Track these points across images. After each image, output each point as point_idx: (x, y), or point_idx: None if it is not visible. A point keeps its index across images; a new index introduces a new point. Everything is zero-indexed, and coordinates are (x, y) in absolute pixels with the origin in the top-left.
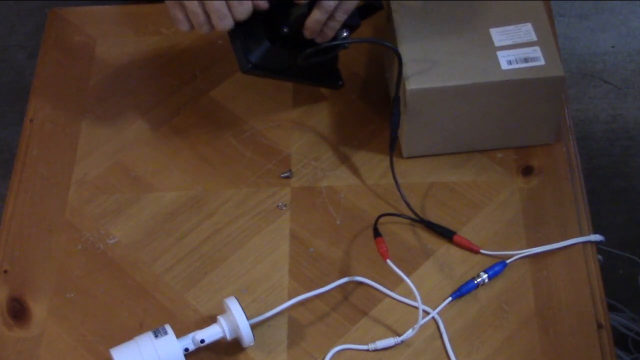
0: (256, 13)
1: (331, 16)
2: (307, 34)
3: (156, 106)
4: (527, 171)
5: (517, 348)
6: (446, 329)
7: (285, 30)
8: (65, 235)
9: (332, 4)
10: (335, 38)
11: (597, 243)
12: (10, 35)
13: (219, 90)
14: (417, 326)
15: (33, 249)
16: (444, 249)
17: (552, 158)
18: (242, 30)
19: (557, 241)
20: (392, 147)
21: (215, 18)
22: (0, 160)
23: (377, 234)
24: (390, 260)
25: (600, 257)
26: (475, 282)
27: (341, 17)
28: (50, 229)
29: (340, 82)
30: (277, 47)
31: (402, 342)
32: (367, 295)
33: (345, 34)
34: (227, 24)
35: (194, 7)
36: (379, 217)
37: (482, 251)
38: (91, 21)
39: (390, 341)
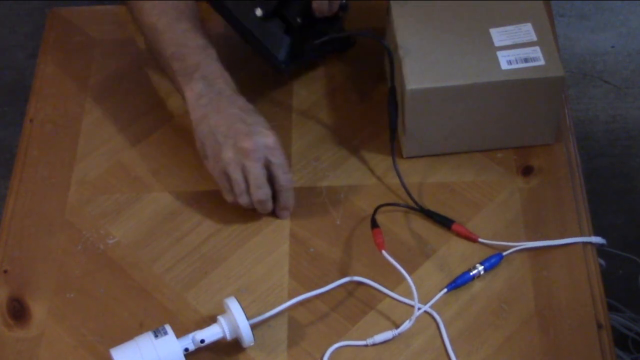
0: (269, 15)
1: None
2: (319, 14)
3: (156, 106)
4: (527, 171)
5: (517, 348)
6: (446, 329)
7: (299, 20)
8: (65, 235)
9: None
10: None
11: (598, 245)
12: (10, 35)
13: None
14: (413, 317)
15: (33, 249)
16: (444, 248)
17: (552, 158)
18: (260, 39)
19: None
20: (393, 137)
21: (254, 187)
22: (0, 160)
23: (374, 225)
24: (386, 251)
25: (602, 261)
26: (471, 273)
27: None
28: (50, 229)
29: (352, 40)
30: (295, 37)
31: (400, 334)
32: (367, 295)
33: None
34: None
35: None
36: (378, 207)
37: (480, 240)
38: (91, 21)
39: (388, 334)
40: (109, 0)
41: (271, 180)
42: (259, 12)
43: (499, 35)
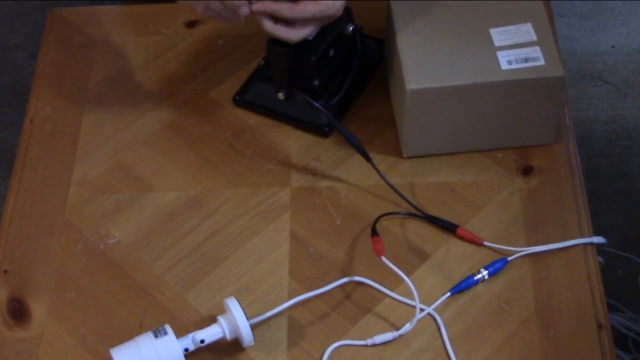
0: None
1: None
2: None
3: (156, 106)
4: (527, 171)
5: (517, 348)
6: (446, 329)
7: (317, 83)
8: (65, 235)
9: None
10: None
11: (599, 245)
12: (10, 35)
13: (219, 90)
14: (414, 320)
15: (33, 249)
16: (444, 249)
17: (552, 158)
18: (298, 117)
19: (557, 241)
20: (368, 159)
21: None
22: (0, 160)
23: (374, 233)
24: (385, 257)
25: (601, 259)
26: (475, 278)
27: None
28: (50, 229)
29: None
30: (327, 97)
31: (400, 336)
32: (367, 295)
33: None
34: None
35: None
36: (379, 217)
37: (485, 243)
38: (91, 21)
39: (389, 335)
40: (109, 0)
41: None
42: (281, 95)
43: (499, 35)
